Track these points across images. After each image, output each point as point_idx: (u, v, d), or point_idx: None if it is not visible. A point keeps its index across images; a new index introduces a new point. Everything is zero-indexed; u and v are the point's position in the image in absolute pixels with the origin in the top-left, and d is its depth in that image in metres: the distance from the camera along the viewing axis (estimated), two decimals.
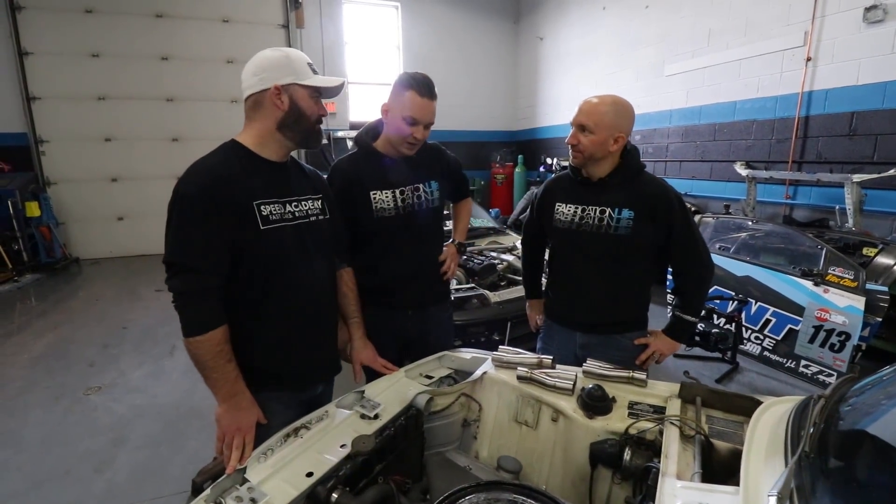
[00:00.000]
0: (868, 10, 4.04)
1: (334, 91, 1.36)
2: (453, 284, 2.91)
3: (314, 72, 1.32)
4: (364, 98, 8.69)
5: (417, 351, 1.74)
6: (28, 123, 6.77)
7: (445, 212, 2.13)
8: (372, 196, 1.75)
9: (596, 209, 1.66)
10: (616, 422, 1.21)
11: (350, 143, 6.26)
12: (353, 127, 8.16)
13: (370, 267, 1.82)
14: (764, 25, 4.95)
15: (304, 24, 7.79)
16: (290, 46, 7.65)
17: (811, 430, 0.84)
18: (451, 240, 2.06)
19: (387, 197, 1.76)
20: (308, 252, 1.39)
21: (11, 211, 6.12)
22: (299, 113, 1.30)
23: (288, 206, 1.34)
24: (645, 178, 1.67)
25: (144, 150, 7.34)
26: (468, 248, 3.47)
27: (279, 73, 1.26)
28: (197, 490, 1.08)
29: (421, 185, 1.81)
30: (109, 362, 3.77)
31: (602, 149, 1.59)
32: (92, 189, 7.19)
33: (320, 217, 1.44)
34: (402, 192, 1.77)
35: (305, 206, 1.40)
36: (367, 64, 8.69)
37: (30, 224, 6.34)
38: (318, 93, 1.33)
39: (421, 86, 1.61)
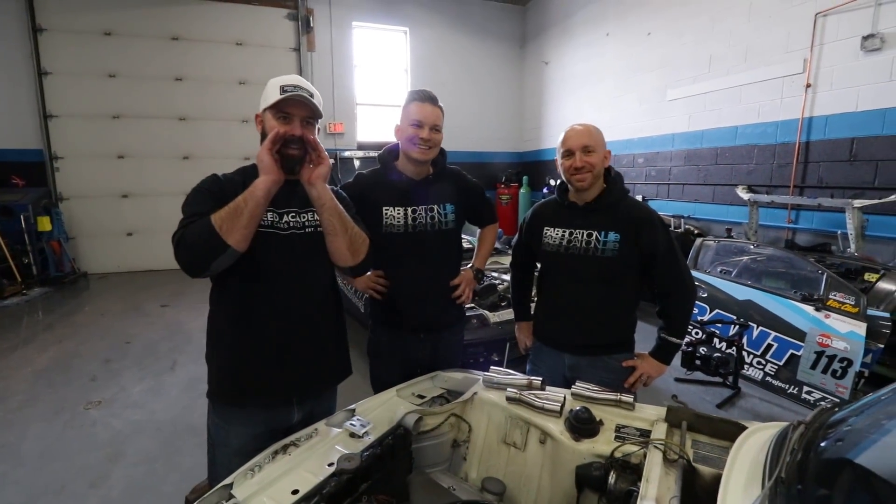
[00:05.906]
0: (865, 38, 4.10)
1: (298, 103, 1.31)
2: None
3: (290, 92, 1.30)
4: (372, 119, 8.85)
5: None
6: (44, 140, 6.95)
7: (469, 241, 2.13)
8: (384, 211, 1.78)
9: (583, 232, 1.71)
10: (602, 445, 1.21)
11: (357, 164, 6.40)
12: (360, 147, 8.29)
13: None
14: (764, 52, 5.03)
15: (315, 47, 8.02)
16: (300, 70, 7.93)
17: (788, 456, 0.85)
18: (469, 265, 2.05)
19: (398, 213, 1.78)
20: (296, 263, 1.38)
21: (23, 225, 6.23)
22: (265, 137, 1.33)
23: (285, 216, 1.36)
24: (629, 202, 1.73)
25: (155, 167, 7.50)
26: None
27: (262, 102, 1.33)
28: None
29: (435, 207, 1.83)
30: (111, 377, 3.79)
31: (603, 164, 1.68)
32: (103, 205, 7.33)
33: (319, 229, 1.40)
34: (413, 211, 1.80)
35: (304, 217, 1.40)
36: (375, 86, 8.87)
37: (41, 238, 6.45)
38: (286, 113, 1.31)
39: (420, 95, 1.74)
